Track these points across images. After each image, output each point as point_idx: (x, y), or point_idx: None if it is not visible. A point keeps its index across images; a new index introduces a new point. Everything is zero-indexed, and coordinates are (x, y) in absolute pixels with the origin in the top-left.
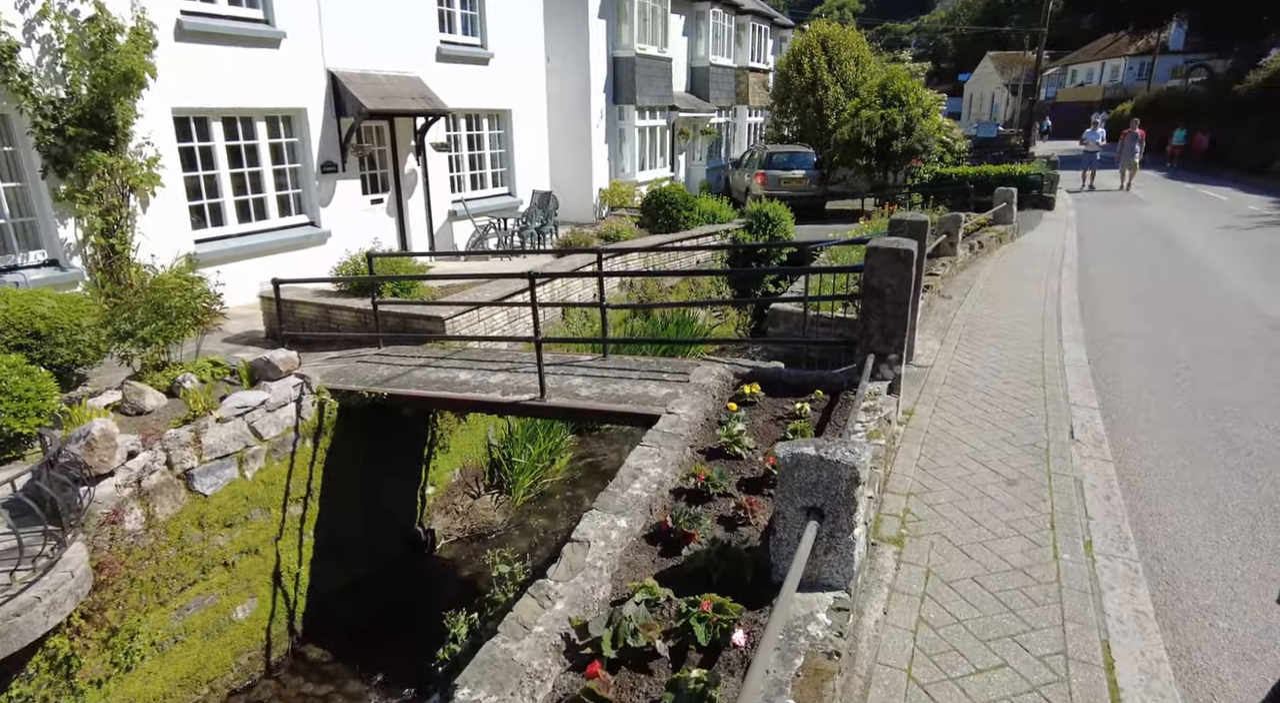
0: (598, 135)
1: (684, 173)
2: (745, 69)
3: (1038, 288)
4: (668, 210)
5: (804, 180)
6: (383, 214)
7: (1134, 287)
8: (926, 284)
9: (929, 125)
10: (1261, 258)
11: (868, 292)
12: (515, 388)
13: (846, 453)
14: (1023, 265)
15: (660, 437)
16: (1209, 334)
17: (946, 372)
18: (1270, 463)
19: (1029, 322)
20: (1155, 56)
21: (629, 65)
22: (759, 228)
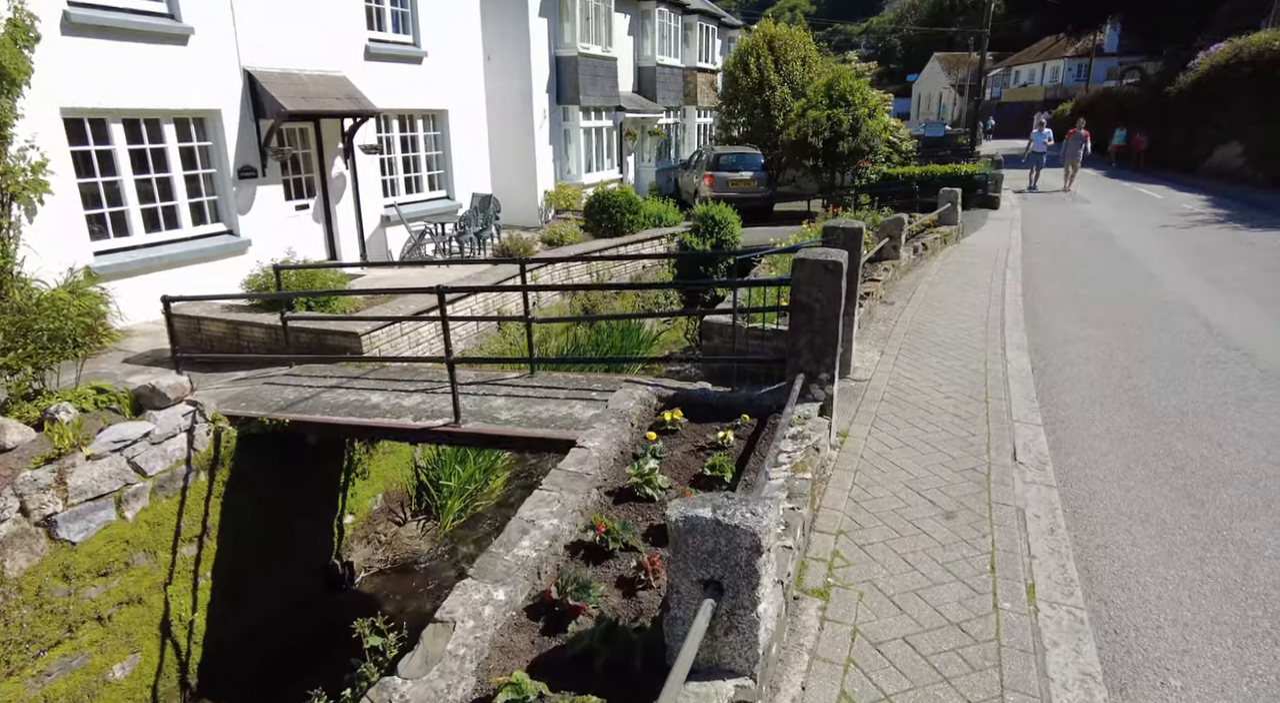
0: (541, 136)
1: (633, 174)
2: (693, 69)
3: (981, 292)
4: (611, 214)
5: (752, 182)
6: (309, 221)
7: (1076, 288)
8: (867, 292)
9: (875, 125)
10: (1196, 257)
11: (795, 307)
12: (430, 412)
13: (747, 515)
14: (967, 267)
15: (564, 478)
16: (1150, 339)
17: (886, 386)
18: (1213, 481)
19: (972, 328)
20: (1092, 59)
21: (572, 65)
22: (706, 231)
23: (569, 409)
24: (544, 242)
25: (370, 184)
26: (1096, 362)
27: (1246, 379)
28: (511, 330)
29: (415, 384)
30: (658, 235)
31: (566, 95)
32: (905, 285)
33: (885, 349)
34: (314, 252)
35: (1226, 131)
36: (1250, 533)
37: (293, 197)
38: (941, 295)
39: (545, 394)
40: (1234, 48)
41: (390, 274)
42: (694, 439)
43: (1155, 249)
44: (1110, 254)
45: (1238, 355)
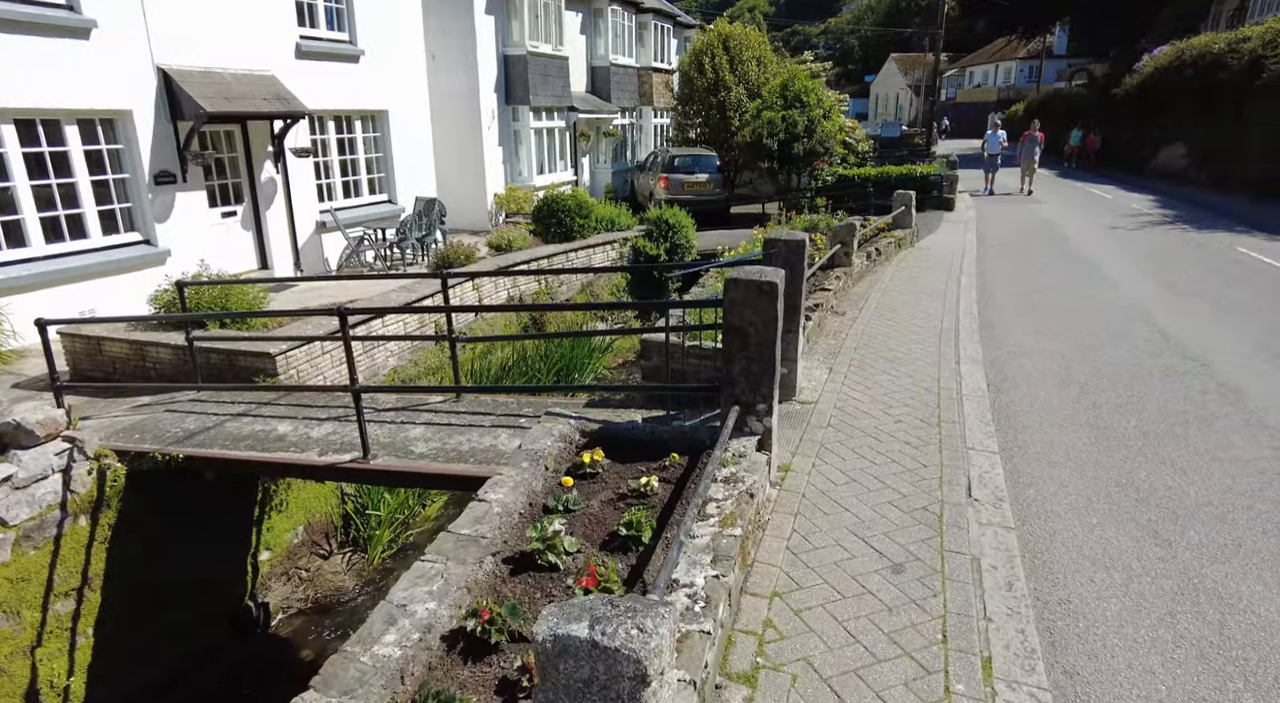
0: (490, 137)
1: (588, 176)
2: (649, 69)
3: (936, 299)
4: (560, 218)
5: (708, 184)
6: (236, 228)
7: (1032, 295)
8: (816, 303)
9: (830, 126)
10: (1147, 259)
11: (729, 332)
12: (340, 444)
13: (633, 633)
14: (921, 273)
15: (453, 544)
16: (1108, 348)
17: (833, 410)
18: (1180, 516)
19: (926, 340)
20: (1042, 60)
21: (521, 64)
22: (659, 235)
23: (492, 439)
24: (491, 247)
25: (304, 189)
26: (1054, 376)
27: (1205, 394)
28: None
29: (330, 410)
30: (610, 240)
31: (516, 95)
32: (858, 294)
33: (834, 366)
34: (243, 261)
35: (1171, 133)
36: (1222, 581)
37: (218, 203)
38: (895, 304)
39: (469, 421)
40: (1176, 50)
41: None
42: (615, 484)
43: (1109, 252)
44: (1065, 257)
45: (1195, 366)
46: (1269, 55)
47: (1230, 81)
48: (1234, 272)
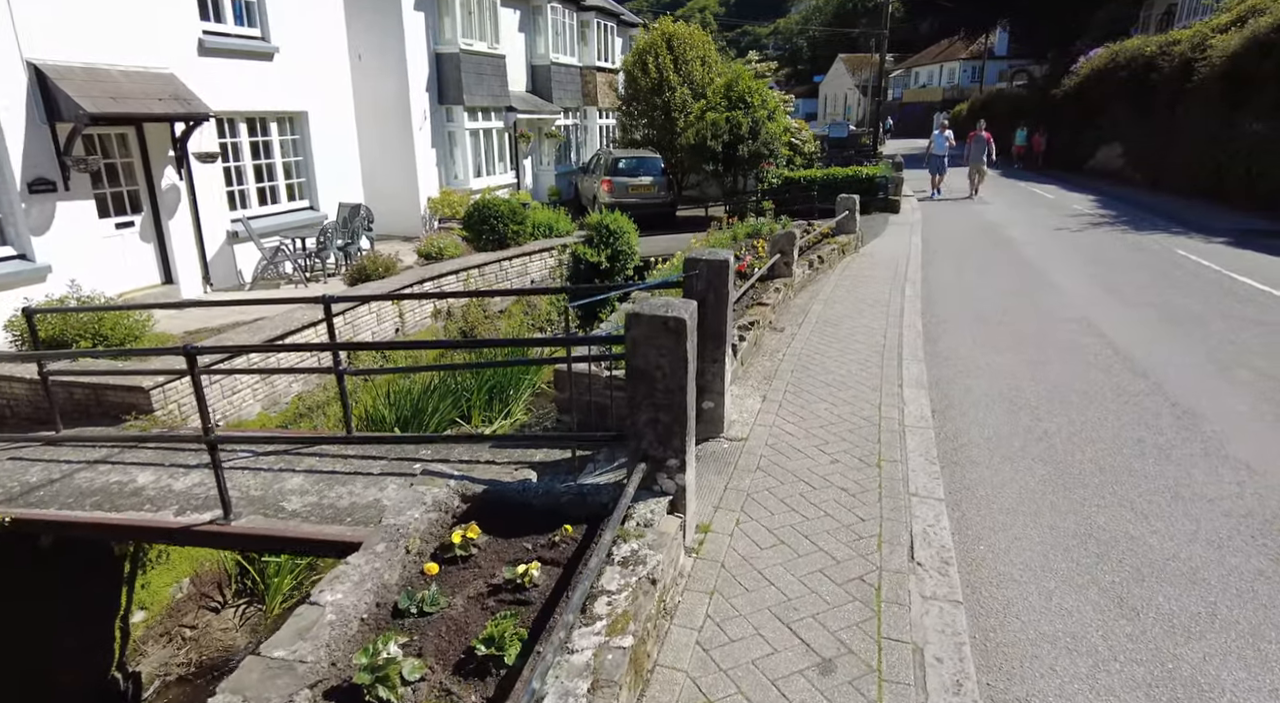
0: (422, 139)
1: (531, 178)
2: (592, 69)
3: (879, 311)
4: (493, 225)
5: (652, 187)
6: (134, 240)
7: (977, 304)
8: (753, 320)
9: (774, 127)
10: (1092, 263)
11: (632, 376)
12: (204, 499)
13: None
14: (865, 281)
15: (259, 675)
16: (1056, 364)
17: (764, 447)
18: (1146, 576)
19: (867, 359)
20: (985, 61)
21: (454, 62)
22: (600, 241)
23: (378, 492)
24: (421, 255)
25: (212, 196)
26: (1003, 400)
27: (1160, 417)
28: (366, 359)
29: (202, 455)
30: (548, 247)
31: (450, 95)
32: (798, 306)
33: (769, 393)
34: (142, 276)
35: (1108, 133)
36: (1200, 665)
37: (111, 213)
38: (836, 317)
39: (356, 467)
40: (1110, 52)
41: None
42: (491, 571)
43: (1054, 255)
44: (1010, 261)
45: (1147, 386)
46: (1198, 58)
47: (1162, 83)
48: (1177, 276)
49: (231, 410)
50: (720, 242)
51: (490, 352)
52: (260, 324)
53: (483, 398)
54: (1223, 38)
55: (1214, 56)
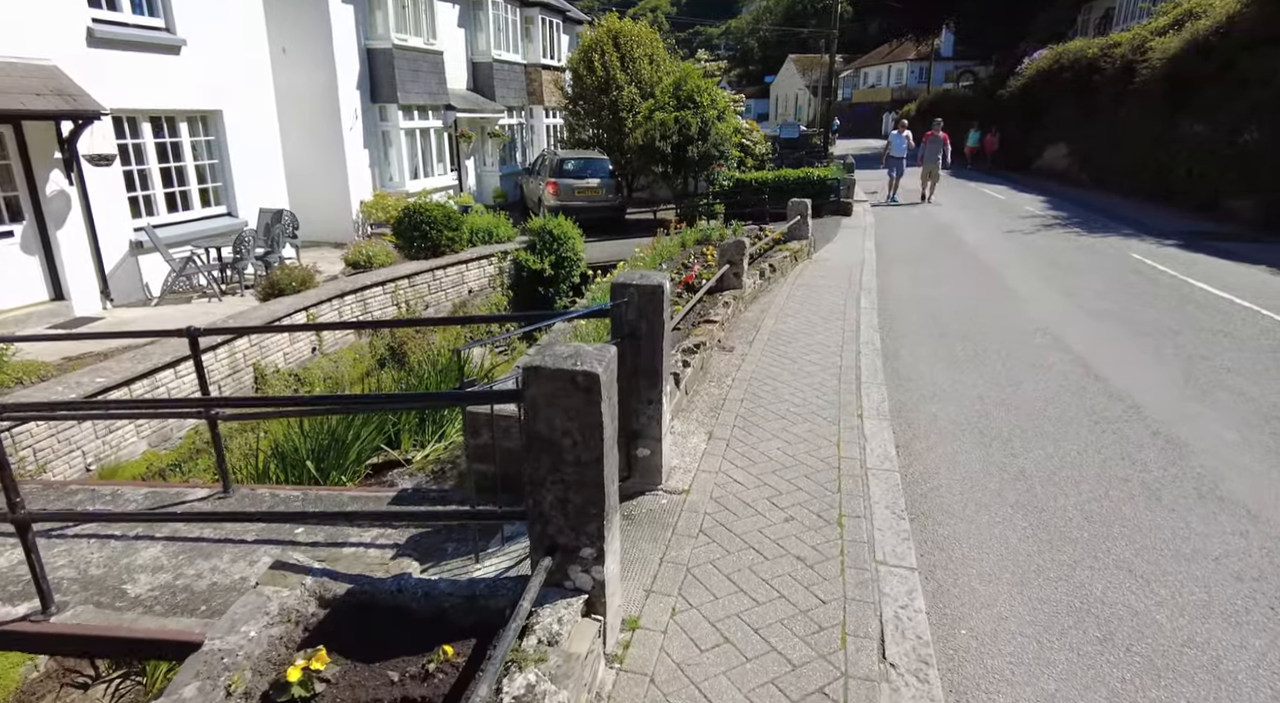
0: (353, 140)
1: (474, 180)
2: (537, 66)
3: (835, 324)
4: (425, 231)
5: (600, 189)
6: (14, 253)
7: (936, 315)
8: (699, 342)
9: (724, 128)
10: (1048, 267)
11: (533, 446)
12: (24, 585)
13: None
14: (819, 290)
15: None
16: (1026, 385)
17: (709, 501)
18: (1163, 673)
19: (824, 383)
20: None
21: (387, 58)
22: (543, 248)
23: (247, 565)
24: (349, 263)
25: (110, 203)
26: (972, 430)
27: (1143, 448)
28: (278, 385)
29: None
30: (486, 254)
31: (383, 93)
32: (749, 321)
33: (715, 429)
34: (25, 293)
35: (1054, 133)
36: None
37: None
38: (790, 333)
39: (228, 533)
40: (1054, 54)
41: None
42: None
43: (1010, 259)
44: (967, 266)
45: (1124, 410)
46: (1139, 60)
47: (1105, 84)
48: (1135, 282)
49: (108, 452)
50: (668, 249)
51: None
52: (107, 366)
53: (413, 420)
54: (1161, 40)
55: (1154, 59)
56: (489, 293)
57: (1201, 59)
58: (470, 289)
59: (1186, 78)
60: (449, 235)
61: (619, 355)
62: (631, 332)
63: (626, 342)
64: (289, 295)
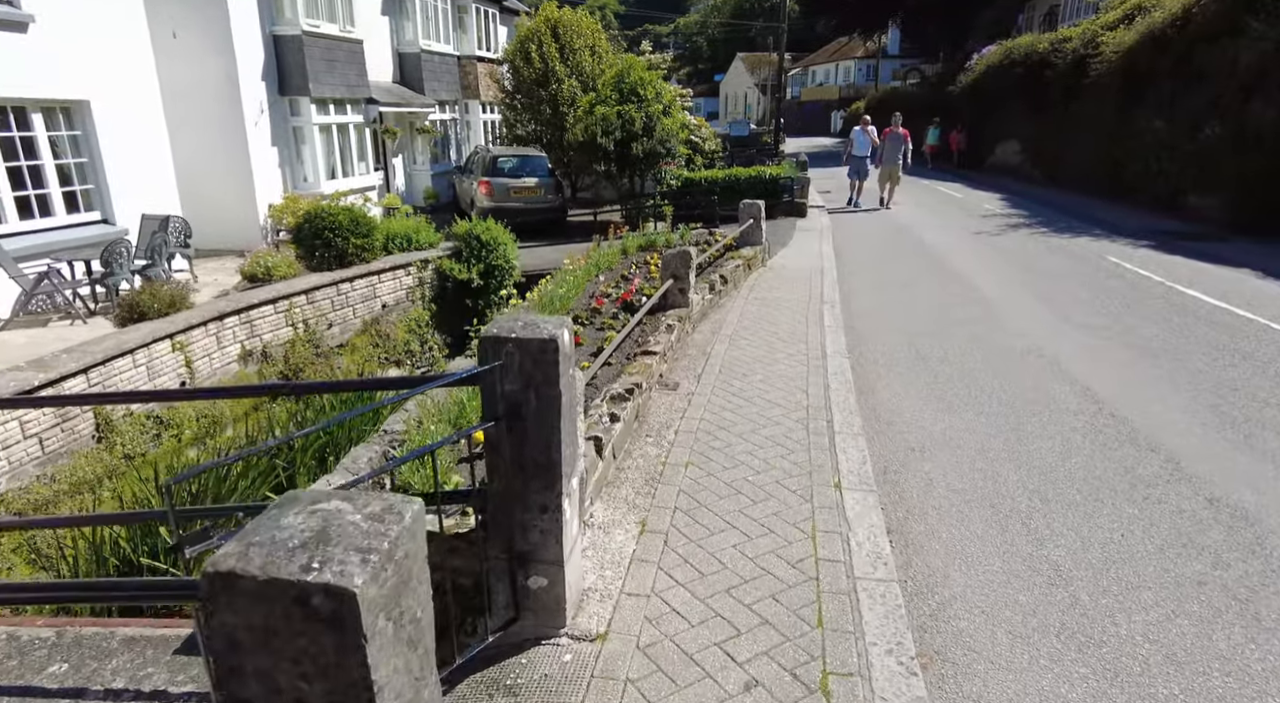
0: (258, 136)
1: (402, 179)
2: (472, 58)
3: (796, 349)
4: (329, 238)
5: (538, 189)
6: None
7: (911, 334)
8: (633, 384)
9: (671, 123)
10: (1024, 272)
11: None
12: None
13: None
14: (776, 305)
15: None
16: (1033, 430)
17: (634, 659)
18: None
19: (789, 435)
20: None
21: (296, 46)
22: (470, 255)
23: None
24: (245, 277)
25: None
26: (981, 503)
27: (1206, 528)
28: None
29: None
30: (404, 263)
31: (293, 84)
32: (698, 345)
33: (650, 515)
34: None
35: (1005, 129)
36: None
37: None
38: (745, 363)
39: None
40: (1004, 49)
41: None
42: None
43: (981, 264)
44: (935, 273)
45: (1161, 464)
46: (1091, 54)
47: (1057, 79)
48: (1120, 289)
49: None
50: (606, 258)
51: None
52: None
53: (310, 459)
54: (1113, 34)
55: (1108, 53)
56: (407, 307)
57: (1158, 52)
58: (384, 303)
59: (1142, 72)
60: (357, 243)
61: (495, 439)
62: (513, 409)
63: (505, 424)
64: (152, 319)
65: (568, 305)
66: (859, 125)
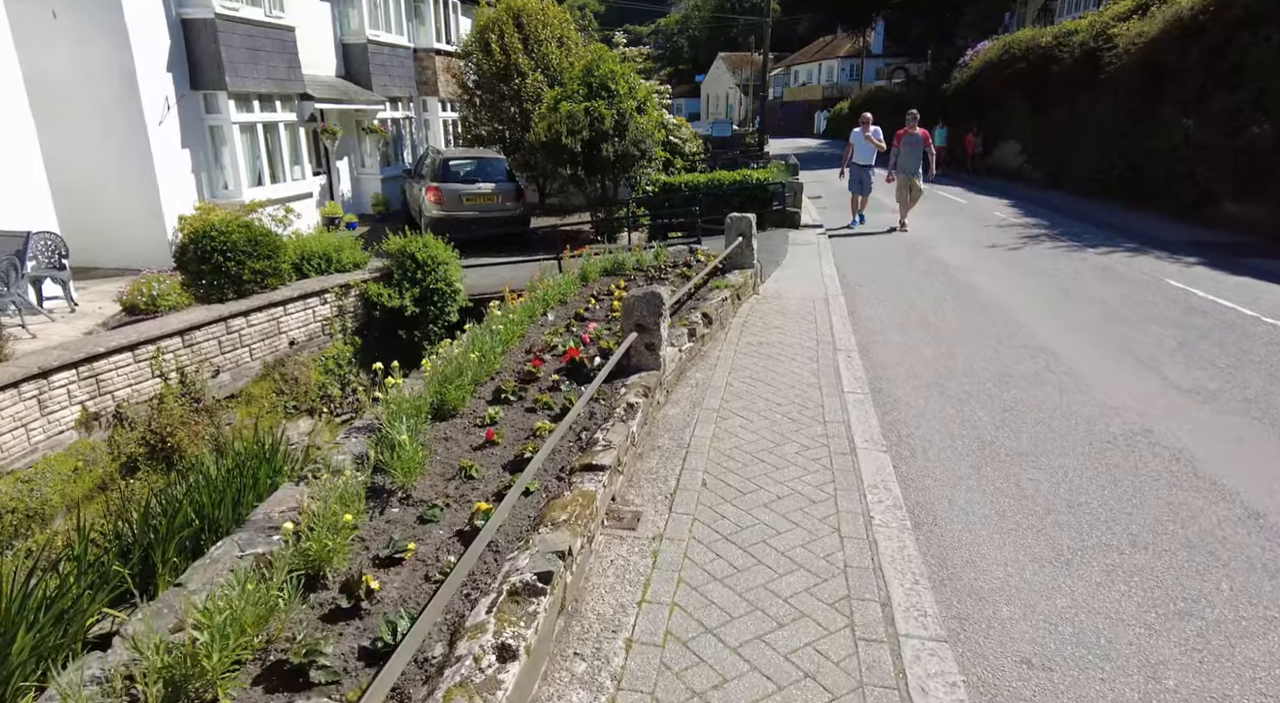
0: (165, 136)
1: (348, 185)
2: (430, 52)
3: (812, 435)
4: (219, 263)
5: (495, 196)
6: None
7: (964, 406)
8: (556, 552)
9: (646, 122)
10: (1070, 300)
11: None
12: None
13: None
14: (775, 355)
15: None
16: (1219, 607)
17: None
18: None
19: (823, 634)
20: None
21: (208, 31)
22: (404, 277)
23: None
24: (124, 307)
25: None
26: None
27: None
28: None
29: None
30: (320, 289)
31: (207, 77)
32: (672, 428)
33: None
34: None
35: (1004, 130)
36: None
37: None
38: (739, 463)
39: None
40: (1003, 44)
41: None
42: None
43: (1016, 290)
44: (965, 303)
45: None
46: (1104, 47)
47: (1063, 76)
48: (1211, 330)
49: None
50: (557, 290)
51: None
52: None
53: (175, 548)
54: (1127, 25)
55: (1125, 44)
56: (323, 342)
57: (1188, 42)
58: (293, 340)
59: (1168, 65)
60: (256, 267)
61: None
62: None
63: None
64: None
65: (492, 368)
66: (859, 125)
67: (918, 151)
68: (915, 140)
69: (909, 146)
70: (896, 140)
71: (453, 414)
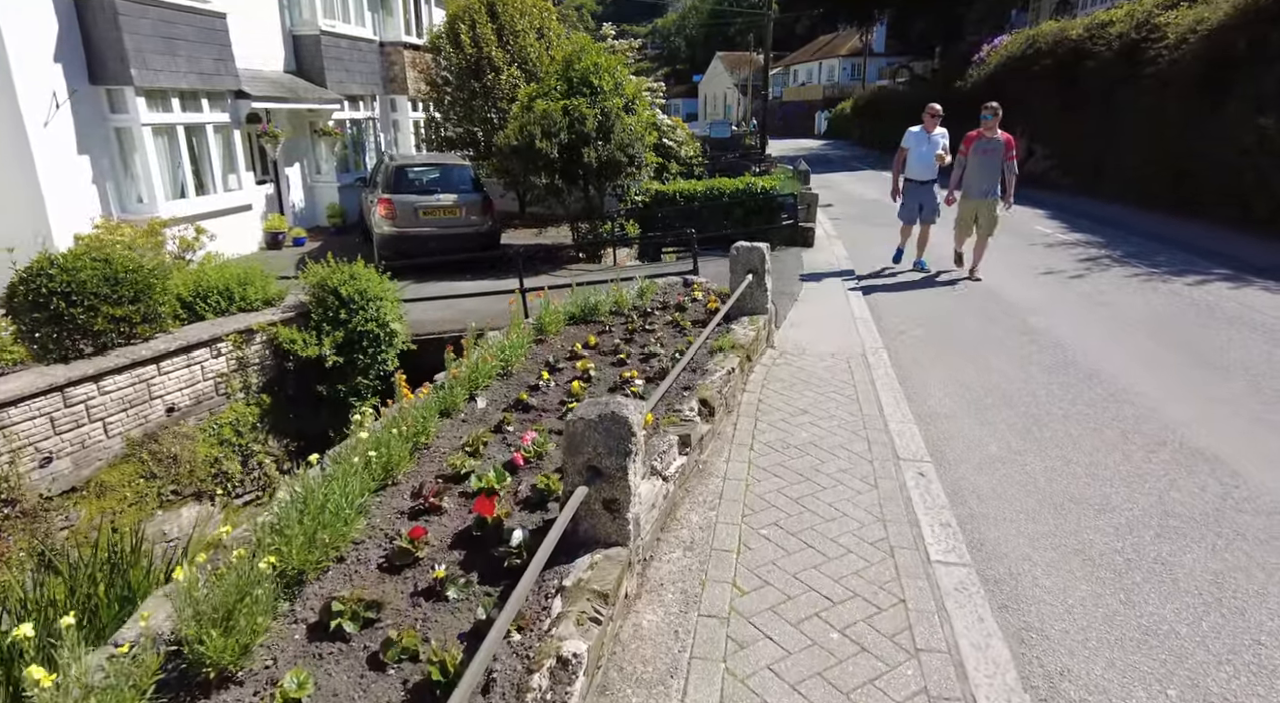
0: (54, 139)
1: (300, 195)
2: (398, 45)
3: (897, 675)
4: (62, 312)
5: (458, 210)
6: None
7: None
8: None
9: (635, 123)
10: (1208, 369)
11: None
12: None
13: None
14: (810, 473)
15: None
16: None
17: None
18: None
19: None
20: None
21: (108, 15)
22: (324, 319)
23: None
24: None
25: None
26: None
27: None
28: None
29: None
30: (209, 341)
31: (109, 69)
32: (649, 659)
33: None
34: None
35: (1025, 130)
36: None
37: None
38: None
39: None
40: (1025, 38)
41: None
42: None
43: (1106, 341)
44: (1053, 363)
45: None
46: (1150, 39)
47: (1099, 71)
48: None
49: None
50: (507, 349)
51: None
52: None
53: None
54: (1177, 13)
55: (1177, 35)
56: (217, 405)
57: (1265, 28)
58: (172, 406)
59: (1238, 56)
60: (116, 313)
61: None
62: None
63: None
64: None
65: (342, 538)
66: (928, 120)
67: (995, 165)
68: (993, 148)
69: (983, 156)
70: (964, 147)
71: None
